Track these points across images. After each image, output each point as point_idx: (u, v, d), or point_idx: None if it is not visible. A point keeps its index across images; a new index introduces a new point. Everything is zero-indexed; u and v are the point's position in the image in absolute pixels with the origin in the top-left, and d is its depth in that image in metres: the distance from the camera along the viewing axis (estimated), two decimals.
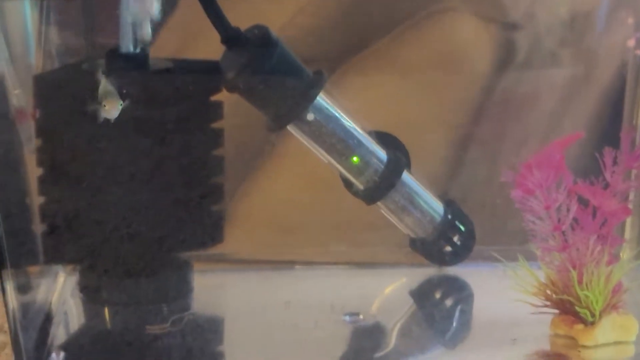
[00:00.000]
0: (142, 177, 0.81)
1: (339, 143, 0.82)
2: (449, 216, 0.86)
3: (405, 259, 0.89)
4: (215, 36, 0.79)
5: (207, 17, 0.79)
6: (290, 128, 0.82)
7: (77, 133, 0.79)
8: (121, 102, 0.75)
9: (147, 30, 0.80)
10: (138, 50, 0.80)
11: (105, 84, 0.75)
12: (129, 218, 0.81)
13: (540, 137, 0.91)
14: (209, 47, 0.81)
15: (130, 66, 0.80)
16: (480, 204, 0.90)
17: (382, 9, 0.92)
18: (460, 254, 0.86)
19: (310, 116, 0.81)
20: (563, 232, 0.73)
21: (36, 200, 0.80)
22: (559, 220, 0.73)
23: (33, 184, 0.80)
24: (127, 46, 0.80)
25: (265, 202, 0.95)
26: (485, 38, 0.92)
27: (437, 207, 0.86)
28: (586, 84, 0.92)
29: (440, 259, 0.87)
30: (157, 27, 0.80)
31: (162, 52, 0.83)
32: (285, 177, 0.95)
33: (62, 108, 0.79)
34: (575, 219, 0.74)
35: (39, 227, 0.80)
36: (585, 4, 0.91)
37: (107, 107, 0.74)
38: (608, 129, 0.89)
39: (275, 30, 0.81)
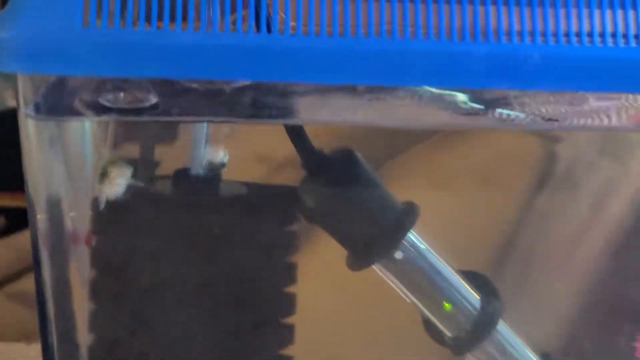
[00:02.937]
0: (209, 317, 0.72)
1: (428, 285, 0.73)
2: None
3: None
4: None
5: (287, 135, 0.71)
6: (374, 265, 0.73)
7: (137, 264, 0.71)
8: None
9: (220, 154, 0.72)
10: (209, 172, 0.72)
11: None
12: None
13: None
14: None
15: (200, 190, 0.72)
16: None
17: None
18: None
19: (398, 254, 0.72)
20: None
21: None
22: None
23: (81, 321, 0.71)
24: (197, 168, 0.72)
25: None
26: (527, 150, 0.85)
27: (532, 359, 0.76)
28: (621, 193, 0.85)
29: None
30: None
31: None
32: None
33: (123, 235, 0.70)
34: None
35: None
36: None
37: (112, 175, 0.67)
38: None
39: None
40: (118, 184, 0.68)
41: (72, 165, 0.68)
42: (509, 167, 0.86)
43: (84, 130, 0.68)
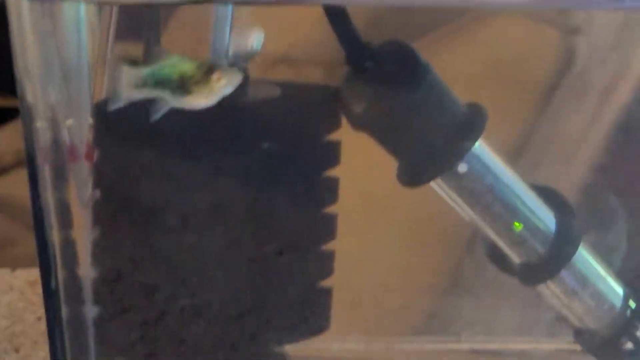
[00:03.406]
0: (226, 233, 0.60)
1: (496, 203, 0.61)
2: (633, 303, 0.65)
3: None
4: None
5: (330, 25, 0.58)
6: (432, 181, 0.61)
7: (148, 180, 0.58)
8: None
9: (250, 43, 0.59)
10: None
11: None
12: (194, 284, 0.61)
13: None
14: None
15: None
16: None
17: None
18: None
19: (462, 167, 0.60)
20: None
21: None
22: None
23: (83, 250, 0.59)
24: (220, 63, 0.59)
25: None
26: (544, 44, 0.74)
27: (617, 290, 0.65)
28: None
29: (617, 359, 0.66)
30: None
31: None
32: None
33: (130, 147, 0.58)
34: None
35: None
36: None
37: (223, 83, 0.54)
38: None
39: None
40: (223, 93, 0.54)
41: (69, 61, 0.55)
42: (527, 62, 0.74)
43: (83, 18, 0.55)
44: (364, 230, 0.68)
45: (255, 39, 0.58)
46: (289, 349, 0.63)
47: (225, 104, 0.58)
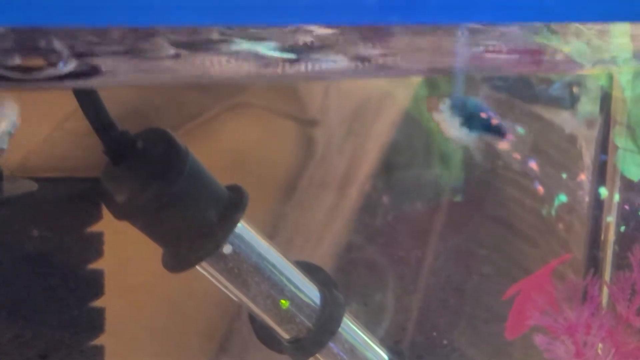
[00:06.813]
0: None
1: (263, 282, 0.62)
2: None
3: None
4: None
5: (83, 113, 0.57)
6: (198, 265, 0.61)
7: None
8: None
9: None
10: None
11: None
12: None
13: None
14: None
15: None
16: None
17: (168, 103, 0.74)
18: None
19: (227, 248, 0.60)
20: None
21: None
22: None
23: None
24: None
25: None
26: (283, 135, 0.77)
27: (382, 356, 0.67)
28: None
29: None
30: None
31: None
32: None
33: None
34: None
35: None
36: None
37: None
38: None
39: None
40: None
41: None
42: (267, 153, 0.77)
43: None
44: (132, 320, 0.67)
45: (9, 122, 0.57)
46: None
47: None
